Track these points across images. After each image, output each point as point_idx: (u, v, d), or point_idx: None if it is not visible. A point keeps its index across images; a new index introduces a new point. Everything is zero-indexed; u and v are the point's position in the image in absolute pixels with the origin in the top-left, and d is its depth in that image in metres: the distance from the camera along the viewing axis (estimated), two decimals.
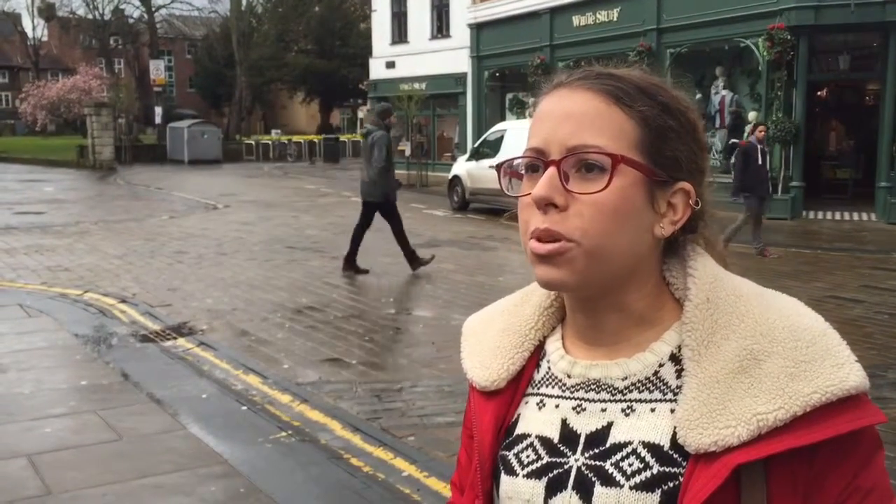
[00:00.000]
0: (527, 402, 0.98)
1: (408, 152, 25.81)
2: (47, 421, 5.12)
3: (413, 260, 10.08)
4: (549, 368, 0.98)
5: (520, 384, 1.00)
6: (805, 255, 11.43)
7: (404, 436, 4.88)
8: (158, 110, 37.60)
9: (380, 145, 9.84)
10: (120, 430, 4.94)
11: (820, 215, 15.56)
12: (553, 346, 0.99)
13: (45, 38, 59.78)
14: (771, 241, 12.38)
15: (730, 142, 17.07)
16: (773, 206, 15.35)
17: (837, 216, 15.46)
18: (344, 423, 5.04)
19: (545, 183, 0.87)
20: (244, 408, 5.37)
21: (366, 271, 10.11)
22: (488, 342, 1.03)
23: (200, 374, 6.10)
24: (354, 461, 4.50)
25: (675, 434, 0.85)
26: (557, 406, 0.95)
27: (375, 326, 7.53)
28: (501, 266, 10.94)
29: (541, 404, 0.97)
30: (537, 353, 1.01)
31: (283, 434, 4.88)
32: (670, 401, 0.88)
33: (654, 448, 0.86)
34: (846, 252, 11.59)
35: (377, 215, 10.17)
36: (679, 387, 0.88)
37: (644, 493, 0.84)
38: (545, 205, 0.87)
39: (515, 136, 15.87)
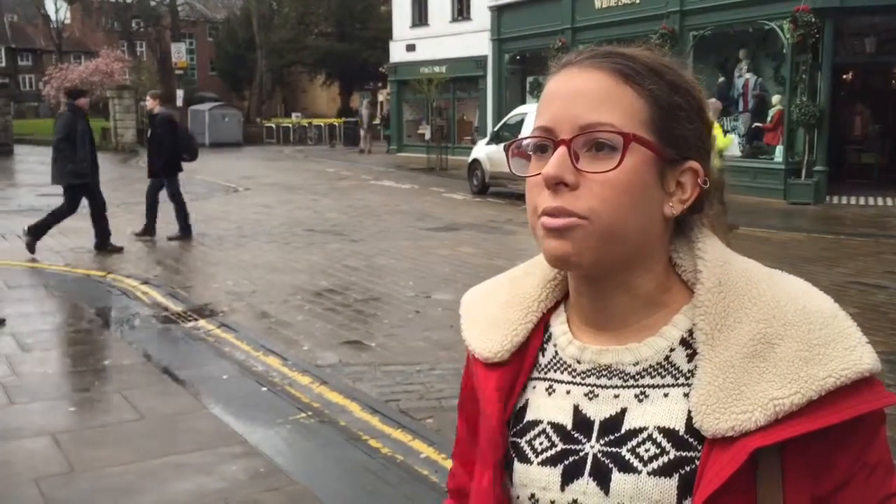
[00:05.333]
0: (535, 388, 0.97)
1: (428, 136, 25.80)
2: (71, 400, 5.20)
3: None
4: (556, 353, 0.97)
5: (525, 358, 0.99)
6: (828, 241, 11.31)
7: (423, 418, 4.91)
8: (180, 93, 37.64)
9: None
10: (142, 409, 5.00)
11: (844, 200, 15.36)
12: (559, 329, 0.98)
13: (67, 21, 60.06)
14: (794, 225, 12.29)
15: (753, 125, 16.89)
16: (796, 190, 15.21)
17: (862, 201, 15.27)
18: (363, 405, 5.07)
19: (556, 162, 0.86)
20: (264, 389, 5.41)
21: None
22: (490, 314, 1.02)
23: (221, 355, 6.15)
24: (373, 443, 4.53)
25: (689, 418, 0.85)
26: (569, 392, 0.94)
27: (394, 309, 7.55)
28: (521, 250, 10.91)
29: (550, 390, 0.96)
30: (541, 327, 1.00)
31: (303, 415, 4.92)
32: (682, 385, 0.88)
33: (669, 433, 0.86)
34: (870, 237, 11.45)
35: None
36: (691, 371, 0.88)
37: (662, 478, 0.84)
38: (555, 184, 0.86)
39: None
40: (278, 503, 3.84)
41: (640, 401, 0.89)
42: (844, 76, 17.98)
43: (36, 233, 9.88)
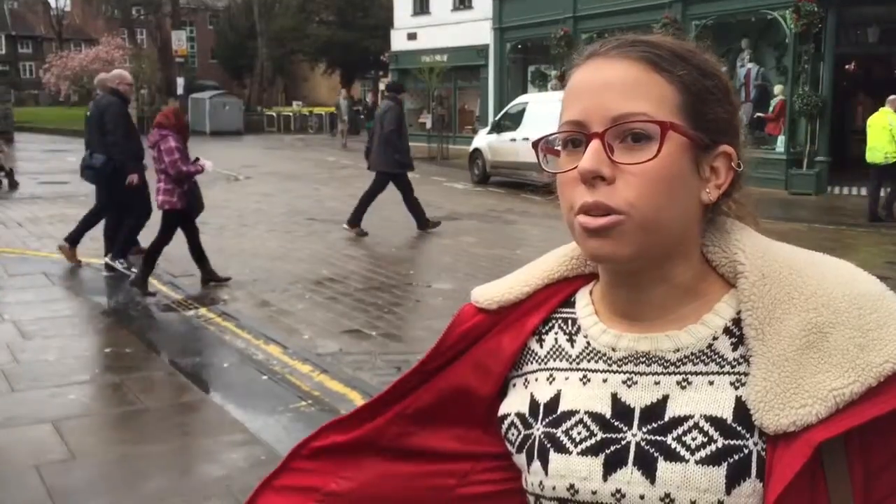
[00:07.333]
0: (567, 378, 0.95)
1: (429, 125, 25.75)
2: (71, 388, 5.20)
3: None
4: (587, 343, 0.95)
5: (507, 316, 1.00)
6: (829, 231, 11.32)
7: None
8: (180, 81, 37.56)
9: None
10: (142, 397, 5.01)
11: (845, 191, 15.34)
12: (588, 321, 0.96)
13: (67, 9, 59.90)
14: (795, 216, 12.28)
15: (755, 115, 16.85)
16: (797, 181, 15.19)
17: (863, 192, 15.21)
18: (363, 394, 5.07)
19: (591, 156, 0.84)
20: (265, 377, 5.42)
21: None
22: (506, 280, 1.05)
23: (222, 343, 6.16)
24: None
25: (737, 407, 0.84)
26: (605, 380, 0.92)
27: (395, 298, 7.56)
28: (521, 239, 10.91)
29: (585, 380, 0.93)
30: (558, 293, 1.00)
31: (303, 403, 4.93)
32: (728, 373, 0.87)
33: (716, 421, 0.84)
34: (871, 228, 11.45)
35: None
36: (736, 360, 0.87)
37: (710, 467, 0.83)
38: (592, 178, 0.84)
39: (537, 108, 15.75)
40: None
41: (683, 388, 0.88)
42: (847, 66, 17.90)
43: (353, 220, 10.98)
